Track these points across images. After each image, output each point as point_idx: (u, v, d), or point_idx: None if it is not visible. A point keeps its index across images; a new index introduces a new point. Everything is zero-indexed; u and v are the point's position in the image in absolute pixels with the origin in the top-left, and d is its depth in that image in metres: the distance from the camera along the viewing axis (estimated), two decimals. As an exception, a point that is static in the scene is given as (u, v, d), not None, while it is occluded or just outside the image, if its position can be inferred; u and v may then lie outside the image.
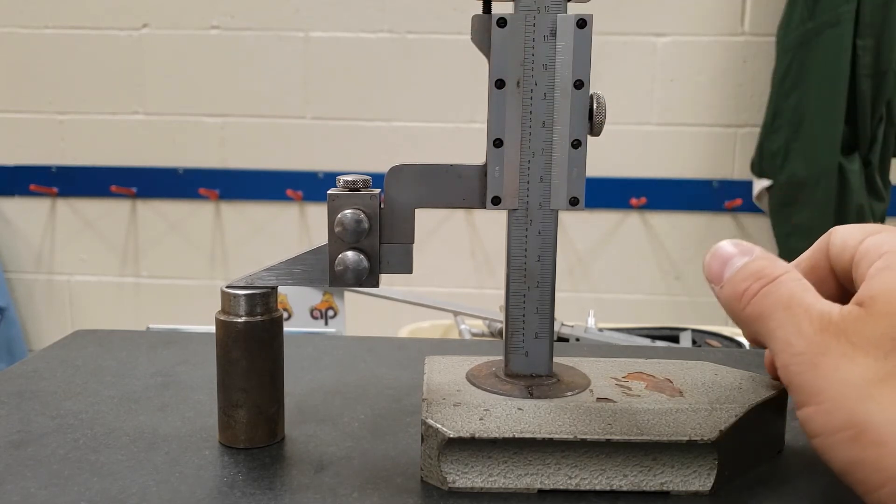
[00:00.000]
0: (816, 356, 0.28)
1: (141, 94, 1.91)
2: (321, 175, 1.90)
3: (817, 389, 0.27)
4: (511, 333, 0.38)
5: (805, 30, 1.65)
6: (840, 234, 0.33)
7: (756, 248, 0.32)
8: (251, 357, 0.37)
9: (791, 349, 0.28)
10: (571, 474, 0.33)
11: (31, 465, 0.35)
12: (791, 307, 0.29)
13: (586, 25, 0.35)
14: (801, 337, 0.28)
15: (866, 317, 0.27)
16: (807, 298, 0.29)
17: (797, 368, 0.28)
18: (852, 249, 0.31)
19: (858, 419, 0.26)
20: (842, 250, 0.32)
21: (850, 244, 0.32)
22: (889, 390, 0.26)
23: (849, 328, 0.27)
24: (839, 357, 0.27)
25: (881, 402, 0.26)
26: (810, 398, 0.28)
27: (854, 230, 0.32)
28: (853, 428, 0.26)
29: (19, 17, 1.90)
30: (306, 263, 0.37)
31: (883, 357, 0.26)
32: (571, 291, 1.92)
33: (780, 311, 0.30)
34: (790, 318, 0.29)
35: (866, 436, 0.26)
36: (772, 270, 0.31)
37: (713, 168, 1.87)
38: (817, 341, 0.28)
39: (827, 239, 0.34)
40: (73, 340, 0.54)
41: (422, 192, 0.36)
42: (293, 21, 1.86)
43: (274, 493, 0.33)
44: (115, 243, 1.99)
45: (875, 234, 0.31)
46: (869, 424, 0.26)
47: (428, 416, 0.34)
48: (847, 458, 0.27)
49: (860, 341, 0.27)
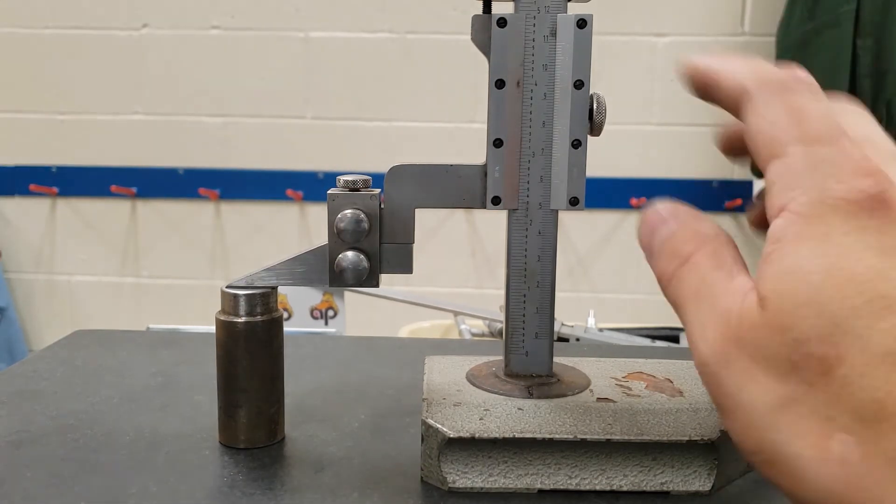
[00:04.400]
0: (720, 369, 0.24)
1: (141, 94, 1.91)
2: (321, 175, 1.90)
3: (725, 408, 0.24)
4: (511, 333, 0.38)
5: (805, 30, 1.65)
6: (751, 126, 0.26)
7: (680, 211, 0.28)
8: (251, 357, 0.37)
9: (698, 354, 0.25)
10: (571, 474, 0.33)
11: (31, 465, 0.35)
12: (699, 299, 0.26)
13: (586, 25, 0.35)
14: (705, 343, 0.25)
15: (762, 327, 0.23)
16: (716, 287, 0.25)
17: (705, 379, 0.25)
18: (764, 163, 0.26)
19: (766, 448, 0.23)
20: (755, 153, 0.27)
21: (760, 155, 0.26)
22: (791, 419, 0.23)
23: (746, 337, 0.24)
24: (741, 373, 0.24)
25: (785, 431, 0.23)
26: (721, 412, 0.25)
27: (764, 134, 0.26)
28: (764, 454, 0.23)
29: (19, 17, 1.90)
30: (306, 263, 0.37)
31: (783, 378, 0.23)
32: (571, 291, 1.92)
33: (690, 304, 0.26)
34: (697, 316, 0.26)
35: (778, 466, 0.23)
36: (686, 247, 0.27)
37: (713, 168, 1.87)
38: (719, 351, 0.24)
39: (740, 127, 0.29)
40: (73, 340, 0.54)
41: (422, 192, 0.36)
42: (293, 21, 1.86)
43: (274, 493, 0.33)
44: (115, 243, 1.99)
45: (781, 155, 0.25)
46: (779, 455, 0.23)
47: (428, 416, 0.34)
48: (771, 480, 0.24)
49: (758, 356, 0.23)
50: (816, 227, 0.23)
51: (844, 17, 1.61)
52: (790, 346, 0.23)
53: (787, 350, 0.23)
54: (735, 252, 0.27)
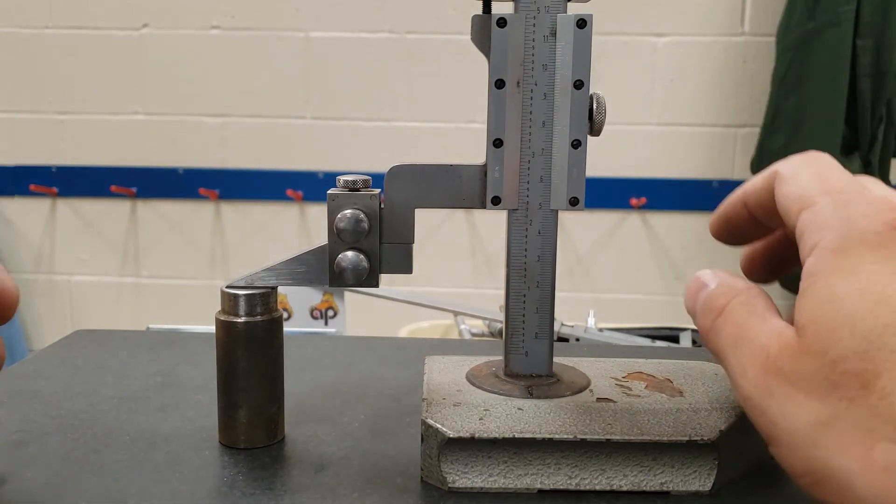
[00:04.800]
0: (763, 401, 0.26)
1: (141, 94, 1.91)
2: (321, 175, 1.90)
3: (771, 436, 0.26)
4: (511, 333, 0.38)
5: (805, 30, 1.65)
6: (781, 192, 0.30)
7: (718, 274, 0.31)
8: (251, 357, 0.37)
9: (741, 391, 0.27)
10: (571, 474, 0.33)
11: (31, 465, 0.35)
12: (736, 344, 0.28)
13: (586, 25, 0.35)
14: (746, 379, 0.27)
15: (800, 354, 0.25)
16: (751, 331, 0.28)
17: (749, 413, 0.27)
18: (793, 220, 0.29)
19: (813, 467, 0.25)
20: (786, 215, 0.30)
21: (791, 212, 0.29)
22: (835, 435, 0.24)
23: (786, 367, 0.26)
24: (784, 400, 0.26)
25: (830, 448, 0.24)
26: (769, 441, 0.27)
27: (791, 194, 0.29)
28: (812, 475, 0.25)
29: (19, 17, 1.90)
30: (306, 263, 0.37)
31: (823, 398, 0.24)
32: (571, 291, 1.92)
33: (729, 350, 0.28)
34: (736, 359, 0.28)
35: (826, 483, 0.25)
36: (720, 300, 0.30)
37: (713, 168, 1.87)
38: (761, 385, 0.26)
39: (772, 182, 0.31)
40: (73, 340, 0.54)
41: (422, 192, 0.36)
42: (293, 21, 1.86)
43: (274, 493, 0.33)
44: (115, 243, 1.99)
45: (811, 205, 0.28)
46: (826, 472, 0.24)
47: (428, 416, 0.34)
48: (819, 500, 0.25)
49: (799, 381, 0.25)
50: (847, 260, 0.26)
51: (844, 17, 1.61)
52: (829, 366, 0.24)
53: (827, 370, 0.24)
54: (768, 301, 0.29)
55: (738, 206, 0.34)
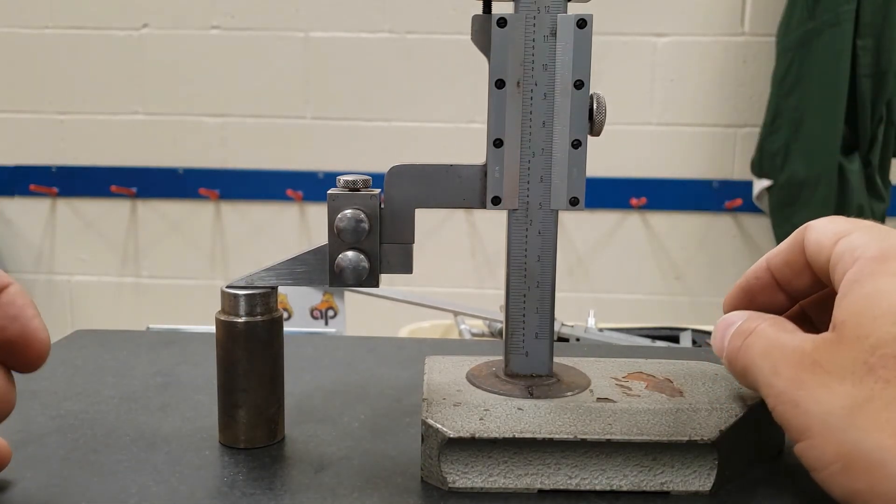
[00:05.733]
0: (795, 392, 0.28)
1: (141, 94, 1.91)
2: (321, 175, 1.90)
3: (803, 426, 0.28)
4: (511, 333, 0.38)
5: (805, 30, 1.65)
6: (814, 234, 0.33)
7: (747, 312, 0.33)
8: (251, 357, 0.37)
9: (772, 391, 0.29)
10: (571, 474, 0.33)
11: (31, 465, 0.35)
12: (769, 352, 0.30)
13: (586, 25, 0.35)
14: (779, 377, 0.29)
15: (838, 343, 0.27)
16: (782, 339, 0.30)
17: (781, 408, 0.29)
18: (828, 251, 0.31)
19: (846, 450, 0.26)
20: (818, 252, 0.32)
21: (826, 245, 0.32)
22: (869, 414, 0.26)
23: (822, 358, 0.28)
24: (817, 388, 0.27)
25: (864, 427, 0.26)
26: (800, 434, 0.28)
27: (827, 231, 0.32)
28: (842, 459, 0.26)
29: (19, 17, 1.90)
30: (306, 263, 0.37)
31: (859, 381, 0.26)
32: (571, 291, 1.92)
33: (760, 360, 0.30)
34: (768, 363, 0.30)
35: (857, 465, 0.26)
36: (751, 324, 0.32)
37: (713, 168, 1.87)
38: (793, 378, 0.28)
39: (802, 235, 0.34)
40: (73, 340, 0.54)
41: (422, 192, 0.36)
42: (293, 21, 1.86)
43: (274, 493, 0.33)
44: (115, 243, 1.99)
45: (847, 234, 0.31)
46: (857, 453, 0.26)
47: (428, 416, 0.34)
48: (844, 490, 0.26)
49: (835, 369, 0.27)
50: (888, 265, 0.28)
51: (844, 17, 1.61)
52: (867, 351, 0.26)
53: (865, 355, 0.26)
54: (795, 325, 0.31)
55: (761, 272, 0.36)
